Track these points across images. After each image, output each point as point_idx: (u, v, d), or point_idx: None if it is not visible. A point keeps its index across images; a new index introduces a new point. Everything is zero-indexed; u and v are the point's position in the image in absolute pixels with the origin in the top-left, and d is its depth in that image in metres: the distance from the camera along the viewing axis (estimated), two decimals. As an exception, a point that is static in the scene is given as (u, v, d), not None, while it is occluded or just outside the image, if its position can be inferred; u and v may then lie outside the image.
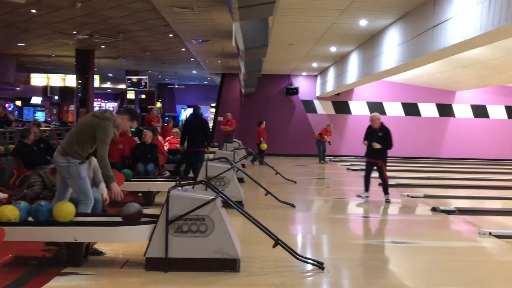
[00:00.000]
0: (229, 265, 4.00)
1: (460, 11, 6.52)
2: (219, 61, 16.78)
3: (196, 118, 9.21)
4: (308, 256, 4.46)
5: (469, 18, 6.24)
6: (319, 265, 4.18)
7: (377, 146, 8.02)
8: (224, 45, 12.99)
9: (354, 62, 13.05)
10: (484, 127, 19.18)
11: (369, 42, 11.42)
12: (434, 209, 7.37)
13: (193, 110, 9.54)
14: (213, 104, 21.15)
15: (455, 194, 9.34)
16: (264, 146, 14.85)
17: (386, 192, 8.15)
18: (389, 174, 10.54)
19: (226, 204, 4.26)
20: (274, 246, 4.16)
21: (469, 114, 19.26)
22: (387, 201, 7.97)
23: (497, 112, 19.26)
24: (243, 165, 11.31)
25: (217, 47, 13.53)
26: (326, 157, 16.19)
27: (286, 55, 14.38)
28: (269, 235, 4.22)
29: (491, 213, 7.39)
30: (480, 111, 19.26)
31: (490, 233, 5.75)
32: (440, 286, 3.86)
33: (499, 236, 5.65)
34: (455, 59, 11.43)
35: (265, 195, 7.42)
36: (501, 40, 6.89)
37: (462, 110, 19.27)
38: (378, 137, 8.10)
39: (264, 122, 15.39)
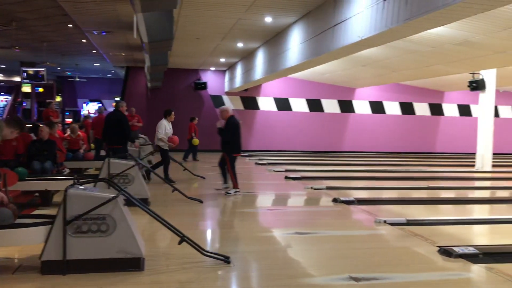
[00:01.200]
0: (133, 264, 3.89)
1: (357, 11, 6.89)
2: (123, 54, 16.21)
3: (114, 113, 8.88)
4: (216, 251, 4.47)
5: (365, 19, 6.62)
6: (225, 260, 4.21)
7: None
8: (128, 37, 12.57)
9: (260, 58, 13.28)
10: (381, 122, 20.53)
11: (274, 39, 11.69)
12: (335, 200, 7.76)
13: (115, 105, 9.27)
14: (117, 98, 20.36)
15: (355, 186, 9.87)
16: (196, 141, 14.76)
17: (225, 181, 8.62)
18: (294, 167, 10.90)
19: (130, 202, 4.13)
20: (179, 243, 4.12)
21: (368, 110, 20.48)
22: (227, 194, 8.22)
23: (392, 108, 20.69)
24: (149, 162, 11.03)
25: (121, 39, 13.06)
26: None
27: (193, 49, 14.26)
28: (174, 232, 4.17)
29: (387, 203, 7.89)
30: (377, 107, 20.56)
31: (385, 221, 6.16)
32: (340, 273, 4.05)
33: (392, 224, 6.08)
34: (355, 57, 12.10)
35: (172, 191, 7.32)
36: (394, 40, 7.38)
37: (361, 106, 20.44)
38: (221, 129, 8.27)
39: (196, 118, 15.31)
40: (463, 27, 8.32)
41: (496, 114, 20.38)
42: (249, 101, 19.70)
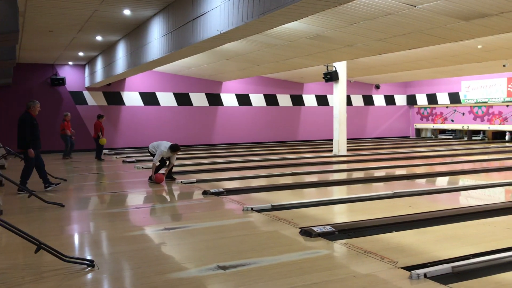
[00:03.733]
0: (-20, 281, 3.51)
1: (215, 5, 6.98)
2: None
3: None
4: (82, 255, 4.24)
5: (223, 13, 6.74)
6: (89, 263, 4.01)
7: None
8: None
9: (122, 51, 12.81)
10: (248, 114, 21.18)
11: (135, 32, 11.35)
12: (205, 193, 7.84)
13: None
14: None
15: (225, 177, 10.07)
16: (103, 141, 14.03)
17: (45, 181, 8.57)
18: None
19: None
20: (36, 251, 3.83)
21: (235, 102, 20.97)
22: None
23: (258, 100, 21.44)
24: (2, 166, 10.01)
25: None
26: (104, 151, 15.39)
27: (46, 42, 13.23)
28: (29, 240, 3.85)
29: (255, 191, 8.18)
30: (244, 100, 21.15)
31: (252, 209, 6.40)
32: (208, 263, 4.11)
33: (259, 210, 6.34)
34: (218, 51, 12.28)
35: (28, 197, 6.75)
36: (252, 34, 7.63)
37: (229, 99, 20.86)
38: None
39: (104, 116, 14.68)
40: (315, 23, 8.92)
41: (349, 103, 22.32)
42: (113, 97, 18.90)
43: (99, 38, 12.69)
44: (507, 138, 20.64)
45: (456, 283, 3.51)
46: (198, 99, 20.25)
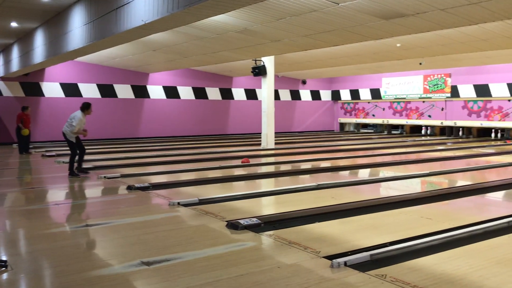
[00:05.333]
0: None
1: (140, -6, 6.79)
2: None
3: None
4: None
5: (148, 2, 6.57)
6: (1, 264, 3.77)
7: None
8: None
9: (40, 40, 12.11)
10: (176, 107, 20.87)
11: (55, 19, 10.77)
12: (129, 188, 7.63)
13: None
14: None
15: (152, 171, 9.85)
16: (25, 131, 13.24)
17: None
18: (87, 157, 10.31)
19: None
20: None
21: (162, 95, 20.58)
22: None
23: (186, 93, 21.19)
24: None
25: None
26: (16, 144, 14.55)
27: (-46, 28, 12.22)
28: None
29: (183, 185, 8.08)
30: (171, 92, 20.81)
31: (178, 203, 6.32)
32: (131, 259, 4.00)
33: (186, 205, 6.27)
34: (145, 42, 11.96)
35: None
36: (178, 26, 7.51)
37: (155, 91, 20.43)
38: None
39: (28, 108, 13.94)
40: (243, 16, 8.93)
41: (277, 97, 22.68)
42: (31, 87, 17.84)
43: (14, 24, 11.90)
44: (423, 132, 21.97)
45: (373, 270, 3.67)
46: (123, 90, 19.65)
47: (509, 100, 18.30)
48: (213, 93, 21.90)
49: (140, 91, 20.03)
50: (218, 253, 4.23)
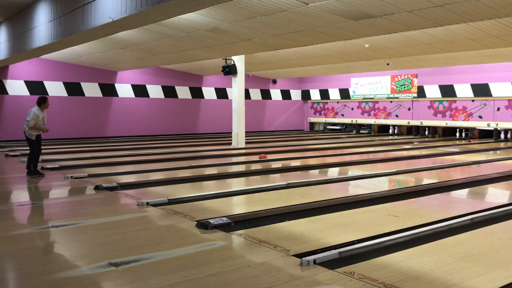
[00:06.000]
0: None
1: (108, -9, 6.67)
2: None
3: None
4: None
5: (116, 0, 6.47)
6: (-39, 268, 3.64)
7: None
8: None
9: (3, 36, 11.78)
10: (145, 106, 20.63)
11: (19, 15, 10.48)
12: (97, 188, 7.49)
13: None
14: None
15: (120, 171, 9.69)
16: None
17: None
18: (53, 157, 10.08)
19: None
20: None
21: (131, 93, 20.30)
22: None
23: (155, 91, 20.96)
24: None
25: None
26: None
27: None
28: None
29: (152, 185, 7.98)
30: (140, 91, 20.55)
31: (147, 203, 6.24)
32: (99, 261, 3.93)
33: (155, 205, 6.20)
34: (113, 39, 11.77)
35: None
36: (147, 24, 7.42)
37: (124, 90, 20.13)
38: None
39: None
40: (212, 15, 8.90)
41: (248, 97, 22.70)
42: (-6, 86, 17.30)
43: (-25, 20, 11.54)
44: (390, 131, 22.38)
45: (342, 267, 3.72)
46: (91, 89, 19.27)
47: (472, 101, 18.84)
48: (183, 92, 21.73)
49: (108, 90, 19.69)
50: (188, 253, 4.20)
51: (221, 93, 22.88)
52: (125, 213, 5.90)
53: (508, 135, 18.19)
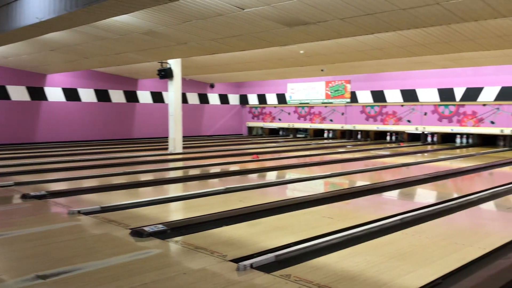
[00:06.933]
0: None
1: (35, -10, 6.37)
2: None
3: None
4: None
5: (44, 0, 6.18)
6: None
7: None
8: None
9: None
10: (77, 110, 19.86)
11: None
12: (24, 196, 7.09)
13: None
14: None
15: (50, 178, 9.24)
16: None
17: None
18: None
19: None
20: None
21: (61, 97, 19.48)
22: None
23: (88, 95, 20.25)
24: None
25: None
26: None
27: None
28: None
29: (85, 192, 7.67)
30: (72, 95, 19.77)
31: (79, 212, 5.99)
32: (26, 274, 3.71)
33: (87, 213, 5.96)
34: (41, 40, 11.23)
35: None
36: (78, 25, 7.16)
37: (54, 94, 19.28)
38: None
39: None
40: (147, 18, 8.72)
41: (185, 101, 22.48)
42: None
43: None
44: (325, 135, 23.00)
45: (279, 270, 3.75)
46: (18, 92, 18.29)
47: (402, 105, 19.75)
48: (117, 96, 21.14)
49: (37, 93, 18.77)
50: (121, 262, 4.07)
51: (157, 97, 22.49)
52: (55, 223, 5.63)
53: (435, 138, 19.24)
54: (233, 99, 25.75)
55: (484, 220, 6.00)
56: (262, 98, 24.87)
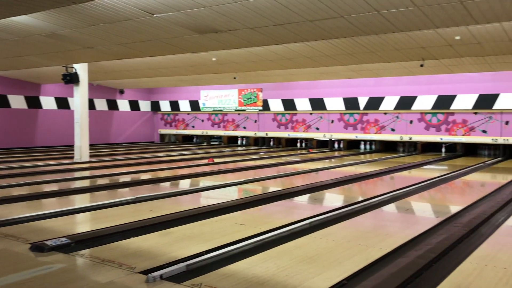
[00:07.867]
0: None
1: None
2: None
3: None
4: None
5: None
6: None
7: None
8: None
9: None
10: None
11: None
12: None
13: None
14: None
15: None
16: None
17: None
18: None
19: None
20: None
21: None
22: None
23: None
24: None
25: None
26: None
27: None
28: None
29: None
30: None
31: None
32: None
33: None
34: None
35: None
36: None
37: None
38: None
39: None
40: (49, 19, 8.25)
41: (93, 107, 21.55)
42: None
43: None
44: (239, 142, 23.22)
45: (189, 280, 3.70)
46: None
47: (310, 114, 20.51)
48: (17, 101, 19.75)
49: None
50: (21, 279, 3.78)
51: (62, 103, 21.34)
52: None
53: (341, 145, 20.20)
54: (144, 105, 25.15)
55: (386, 222, 6.38)
56: (174, 105, 24.55)
